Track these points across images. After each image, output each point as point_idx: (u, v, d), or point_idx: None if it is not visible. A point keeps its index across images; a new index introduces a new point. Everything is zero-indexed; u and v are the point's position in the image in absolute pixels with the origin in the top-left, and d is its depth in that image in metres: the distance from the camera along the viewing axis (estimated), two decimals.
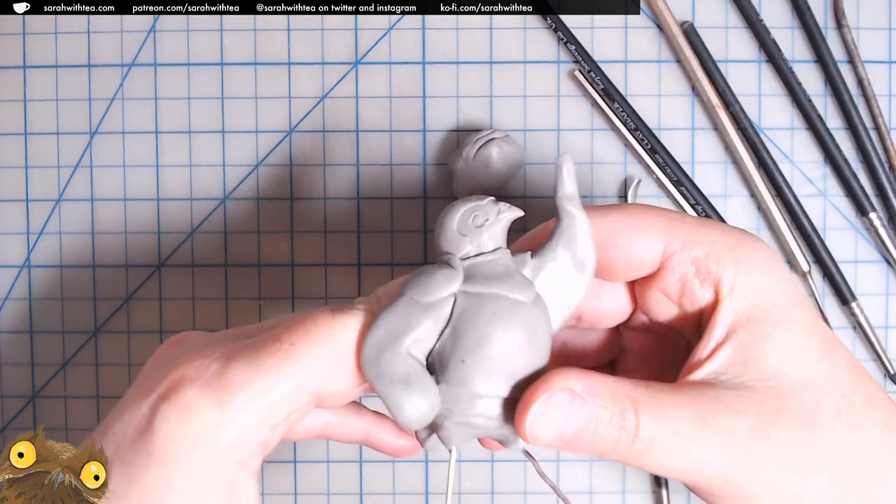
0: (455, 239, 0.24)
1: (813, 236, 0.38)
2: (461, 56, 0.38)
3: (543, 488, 0.39)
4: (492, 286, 0.23)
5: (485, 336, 0.22)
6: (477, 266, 0.23)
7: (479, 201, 0.24)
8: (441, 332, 0.23)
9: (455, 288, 0.23)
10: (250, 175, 0.38)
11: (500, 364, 0.22)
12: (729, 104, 0.37)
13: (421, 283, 0.23)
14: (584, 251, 0.24)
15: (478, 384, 0.22)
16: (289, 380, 0.22)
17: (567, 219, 0.24)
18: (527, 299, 0.23)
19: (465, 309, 0.23)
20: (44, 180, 0.39)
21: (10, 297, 0.39)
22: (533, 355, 0.23)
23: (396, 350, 0.22)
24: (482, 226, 0.24)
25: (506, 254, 0.24)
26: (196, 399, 0.21)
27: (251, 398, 0.21)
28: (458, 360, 0.22)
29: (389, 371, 0.22)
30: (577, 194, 0.24)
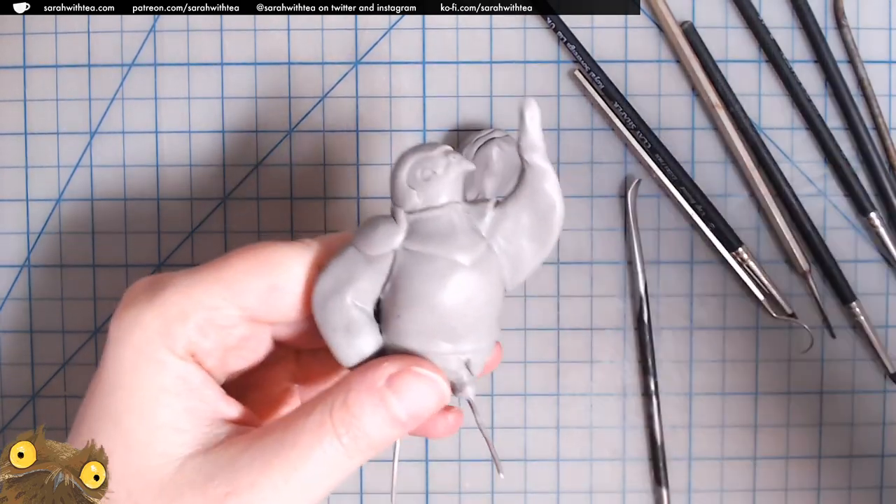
0: (403, 191, 0.23)
1: (813, 236, 0.38)
2: (461, 56, 0.38)
3: (544, 488, 0.39)
4: (431, 245, 0.23)
5: (418, 297, 0.22)
6: (421, 222, 0.23)
7: (429, 151, 0.23)
8: (384, 284, 0.23)
9: (395, 244, 0.23)
10: (250, 175, 0.38)
11: (434, 324, 0.23)
12: (729, 104, 0.37)
13: (365, 234, 0.23)
14: (548, 206, 0.23)
15: (412, 341, 0.23)
16: (213, 285, 0.23)
17: (530, 171, 0.23)
18: (468, 261, 0.23)
19: (403, 266, 0.23)
20: (44, 180, 0.39)
21: (10, 297, 0.39)
22: (472, 314, 0.23)
23: (340, 299, 0.23)
24: (430, 179, 0.23)
25: (456, 209, 0.23)
26: (136, 297, 0.24)
27: (176, 293, 0.23)
28: (396, 314, 0.23)
29: (332, 318, 0.23)
30: (542, 143, 0.23)
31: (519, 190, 0.24)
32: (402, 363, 0.23)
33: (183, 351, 0.23)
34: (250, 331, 0.25)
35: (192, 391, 0.23)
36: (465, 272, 0.23)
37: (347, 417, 0.22)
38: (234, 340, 0.25)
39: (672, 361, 0.39)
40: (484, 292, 0.23)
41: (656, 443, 0.38)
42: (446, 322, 0.23)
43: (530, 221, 0.23)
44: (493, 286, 0.23)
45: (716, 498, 0.39)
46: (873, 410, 0.39)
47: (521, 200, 0.23)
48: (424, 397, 0.23)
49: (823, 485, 0.39)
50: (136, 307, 0.23)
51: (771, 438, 0.39)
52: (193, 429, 0.23)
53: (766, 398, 0.39)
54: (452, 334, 0.23)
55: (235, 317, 0.24)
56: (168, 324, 0.23)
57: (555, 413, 0.39)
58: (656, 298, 0.39)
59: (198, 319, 0.23)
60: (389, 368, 0.23)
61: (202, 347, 0.24)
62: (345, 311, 0.23)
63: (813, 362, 0.39)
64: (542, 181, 0.23)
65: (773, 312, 0.38)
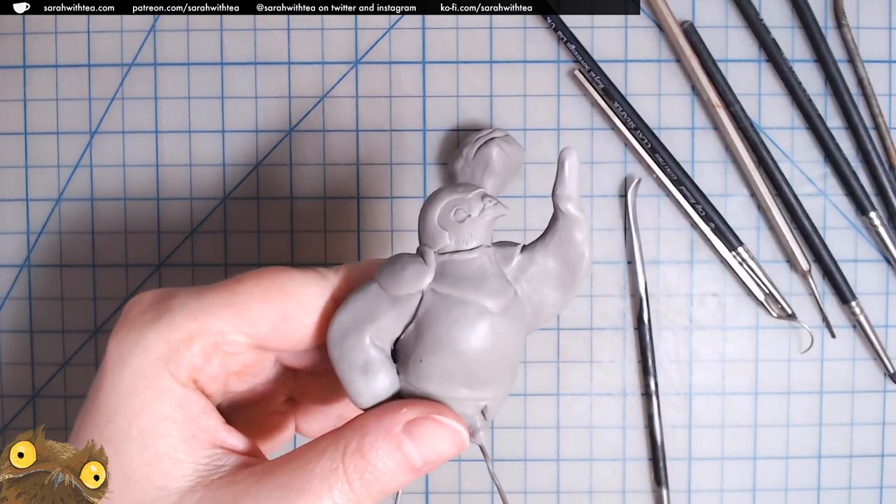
0: (434, 231, 0.23)
1: (813, 236, 0.38)
2: (461, 56, 0.38)
3: (544, 488, 0.39)
4: (461, 289, 0.22)
5: (444, 341, 0.22)
6: (452, 264, 0.22)
7: (465, 193, 0.23)
8: (406, 325, 0.22)
9: (423, 285, 0.22)
10: (250, 175, 0.38)
11: (457, 370, 0.22)
12: (729, 104, 0.37)
13: (392, 273, 0.22)
14: (577, 255, 0.23)
15: (432, 386, 0.22)
16: (222, 309, 0.22)
17: (563, 220, 0.23)
18: (497, 308, 0.22)
19: (430, 308, 0.22)
20: (44, 180, 0.39)
21: (10, 297, 0.39)
22: (496, 362, 0.22)
23: (359, 337, 0.22)
24: (464, 221, 0.22)
25: (487, 252, 0.23)
26: (138, 315, 0.23)
27: (184, 316, 0.22)
28: (417, 358, 0.22)
29: (350, 356, 0.22)
30: (578, 193, 0.23)
31: (548, 237, 0.23)
32: (421, 409, 0.22)
33: (185, 377, 0.22)
34: (256, 357, 0.24)
35: (192, 420, 0.22)
36: (495, 319, 0.22)
37: (361, 463, 0.21)
38: (238, 366, 0.24)
39: (672, 361, 0.39)
40: (510, 339, 0.22)
41: (656, 443, 0.38)
42: (470, 369, 0.22)
43: (557, 269, 0.23)
44: (519, 333, 0.23)
45: (716, 498, 0.39)
46: (873, 410, 0.39)
47: (549, 247, 0.23)
48: (442, 446, 0.22)
49: (823, 485, 0.39)
50: (139, 328, 0.22)
51: (771, 438, 0.39)
52: (192, 459, 0.22)
53: (766, 398, 0.39)
54: (474, 381, 0.22)
55: (243, 344, 0.23)
56: (172, 348, 0.22)
57: (555, 413, 0.39)
58: (656, 298, 0.39)
59: (203, 344, 0.22)
60: (408, 414, 0.22)
61: (205, 373, 0.23)
62: (363, 349, 0.22)
63: (813, 362, 0.39)
64: (574, 230, 0.23)
65: (773, 312, 0.38)
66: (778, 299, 0.38)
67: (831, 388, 0.39)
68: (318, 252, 0.38)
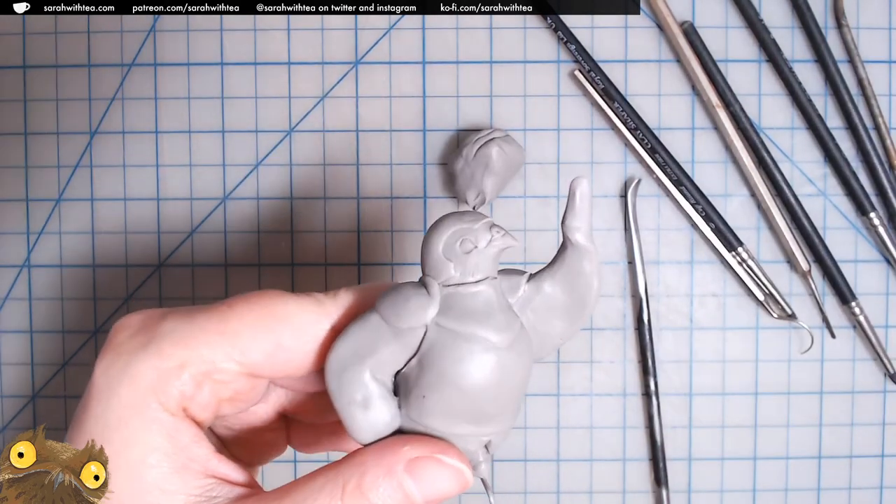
0: (438, 262, 0.22)
1: (813, 236, 0.38)
2: (461, 56, 0.38)
3: (544, 488, 0.39)
4: (467, 324, 0.21)
5: (449, 378, 0.21)
6: (457, 296, 0.21)
7: (471, 223, 0.22)
8: (409, 358, 0.21)
9: (427, 319, 0.21)
10: (250, 175, 0.38)
11: (461, 407, 0.21)
12: (729, 104, 0.37)
13: (394, 305, 0.21)
14: (586, 287, 0.22)
15: (435, 422, 0.21)
16: (214, 337, 0.22)
17: (572, 250, 0.22)
18: (504, 343, 0.21)
19: (434, 344, 0.21)
20: (44, 180, 0.39)
21: (10, 297, 0.39)
22: (501, 397, 0.21)
23: (359, 371, 0.21)
24: (470, 252, 0.21)
25: (493, 284, 0.22)
26: (126, 341, 0.22)
27: (173, 344, 0.22)
28: (420, 394, 0.21)
29: (349, 390, 0.21)
30: (589, 223, 0.22)
31: (556, 266, 0.22)
32: (423, 447, 0.21)
33: (175, 406, 0.22)
34: (249, 384, 0.23)
35: (183, 450, 0.21)
36: (502, 354, 0.21)
37: (361, 502, 0.20)
38: (230, 393, 0.23)
39: (672, 361, 0.39)
40: (516, 374, 0.22)
41: (656, 443, 0.38)
42: (475, 405, 0.21)
43: (564, 300, 0.22)
44: (526, 367, 0.22)
45: (716, 498, 0.39)
46: (873, 411, 0.39)
47: (556, 277, 0.22)
48: (445, 486, 0.21)
49: (823, 485, 0.39)
50: (127, 354, 0.22)
51: (771, 438, 0.39)
52: (184, 490, 0.21)
53: (766, 398, 0.39)
54: (479, 417, 0.21)
55: (235, 372, 0.22)
56: (161, 377, 0.21)
57: (555, 413, 0.39)
58: (656, 299, 0.39)
59: (194, 373, 0.22)
60: (410, 452, 0.21)
61: (196, 401, 0.22)
62: (363, 383, 0.21)
63: (813, 362, 0.39)
64: (583, 261, 0.22)
65: (773, 312, 0.38)
66: (778, 299, 0.38)
67: (831, 388, 0.39)
68: (317, 252, 0.38)
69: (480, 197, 0.36)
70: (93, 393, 0.21)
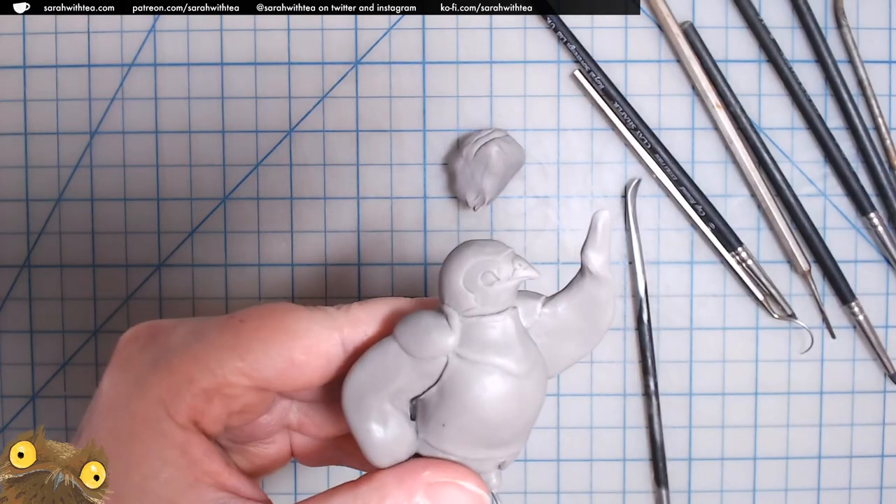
0: (459, 293, 0.22)
1: (813, 236, 0.38)
2: (461, 56, 0.38)
3: (544, 488, 0.39)
4: (487, 355, 0.21)
5: (470, 409, 0.21)
6: (477, 327, 0.22)
7: (493, 255, 0.22)
8: (428, 386, 0.22)
9: (448, 351, 0.21)
10: (250, 175, 0.38)
11: (481, 435, 0.21)
12: (729, 104, 0.37)
13: (415, 335, 0.21)
14: (601, 315, 0.23)
15: (455, 449, 0.22)
16: (225, 352, 0.22)
17: (591, 279, 0.22)
18: (523, 373, 0.21)
19: (455, 373, 0.21)
20: (44, 180, 0.39)
21: (10, 297, 0.39)
22: (518, 424, 0.22)
23: (378, 397, 0.21)
24: (492, 284, 0.21)
25: (512, 314, 0.22)
26: (135, 354, 0.22)
27: (184, 359, 0.21)
28: (440, 422, 0.21)
29: (367, 416, 0.21)
30: (608, 254, 0.22)
31: (572, 293, 0.23)
32: (443, 473, 0.21)
33: (186, 420, 0.21)
34: (259, 398, 0.23)
35: (195, 464, 0.21)
36: (521, 383, 0.21)
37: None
38: (240, 406, 0.23)
39: (672, 361, 0.39)
40: (535, 400, 0.22)
41: (656, 443, 0.38)
42: (494, 433, 0.22)
43: (578, 326, 0.23)
44: (541, 393, 0.22)
45: (716, 498, 0.39)
46: (873, 410, 0.39)
47: (572, 303, 0.22)
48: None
49: (823, 485, 0.39)
50: (136, 368, 0.22)
51: (771, 439, 0.39)
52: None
53: (766, 398, 0.39)
54: (497, 443, 0.22)
55: (245, 387, 0.22)
56: (173, 391, 0.21)
57: (555, 413, 0.39)
58: (656, 299, 0.39)
59: (205, 387, 0.22)
60: (431, 477, 0.21)
61: (207, 415, 0.22)
62: (382, 409, 0.21)
63: (813, 362, 0.39)
64: (601, 291, 0.22)
65: (773, 312, 0.38)
66: (778, 299, 0.38)
67: (831, 388, 0.39)
68: (317, 253, 0.38)
69: (480, 197, 0.36)
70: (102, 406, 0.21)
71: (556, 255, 0.38)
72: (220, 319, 0.23)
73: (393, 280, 0.38)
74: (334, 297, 0.39)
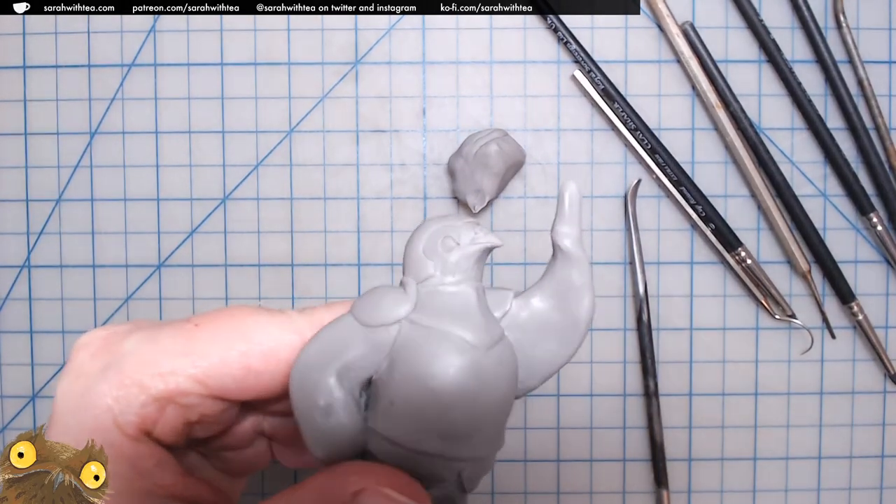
0: (418, 261, 0.20)
1: (813, 236, 0.38)
2: (461, 56, 0.38)
3: (544, 488, 0.39)
4: (442, 321, 0.19)
5: (419, 378, 0.19)
6: (435, 295, 0.20)
7: (454, 220, 0.21)
8: (380, 362, 0.20)
9: (402, 314, 0.20)
10: (250, 175, 0.38)
11: (432, 415, 0.19)
12: (729, 104, 0.37)
13: (368, 303, 0.20)
14: (576, 300, 0.20)
15: (403, 434, 0.19)
16: (178, 358, 0.21)
17: (562, 258, 0.21)
18: (481, 344, 0.19)
19: (406, 341, 0.19)
20: (44, 180, 0.39)
21: (10, 297, 0.39)
22: (477, 410, 0.19)
23: (324, 374, 0.19)
24: (451, 250, 0.20)
25: (474, 287, 0.20)
26: (86, 361, 0.21)
27: (135, 365, 0.21)
28: (388, 400, 0.19)
29: (310, 397, 0.19)
30: (579, 229, 0.21)
31: (545, 279, 0.21)
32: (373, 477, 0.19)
33: (135, 430, 0.20)
34: (218, 407, 0.22)
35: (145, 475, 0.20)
36: (478, 356, 0.19)
37: None
38: (197, 416, 0.22)
39: (672, 362, 0.39)
40: (495, 387, 0.20)
41: (656, 443, 0.38)
42: (447, 414, 0.19)
43: (555, 317, 0.21)
44: (506, 383, 0.20)
45: (716, 498, 0.39)
46: (873, 410, 0.39)
47: (545, 290, 0.21)
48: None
49: (823, 485, 0.39)
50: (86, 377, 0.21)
51: (771, 438, 0.39)
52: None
53: (766, 398, 0.39)
54: (451, 431, 0.19)
55: (200, 394, 0.21)
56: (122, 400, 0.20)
57: (555, 413, 0.39)
58: (656, 299, 0.39)
59: (155, 395, 0.20)
60: (358, 482, 0.19)
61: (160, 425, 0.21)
62: (327, 389, 0.19)
63: (813, 362, 0.39)
64: (572, 270, 0.20)
65: (773, 312, 0.38)
66: (778, 300, 0.38)
67: (831, 388, 0.39)
68: (317, 252, 0.38)
69: (480, 197, 0.36)
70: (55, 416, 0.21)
71: None
72: (175, 323, 0.22)
73: (393, 280, 0.38)
74: (334, 297, 0.39)
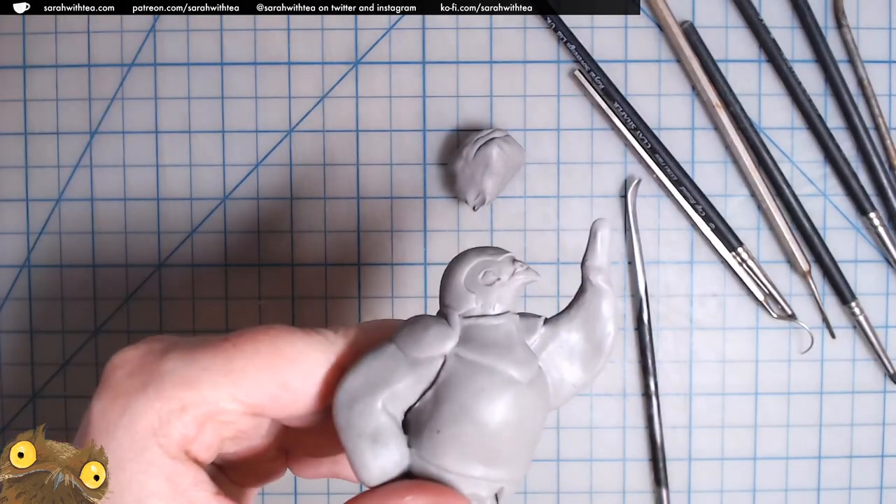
0: (460, 293, 0.21)
1: (813, 236, 0.38)
2: (461, 56, 0.38)
3: (544, 488, 0.39)
4: (488, 356, 0.20)
5: (466, 411, 0.20)
6: (477, 328, 0.21)
7: (494, 256, 0.22)
8: (424, 391, 0.21)
9: (447, 349, 0.21)
10: (250, 175, 0.38)
11: (477, 444, 0.20)
12: (729, 104, 0.37)
13: (413, 334, 0.21)
14: (603, 332, 0.22)
15: (448, 460, 0.20)
16: (218, 377, 0.21)
17: (591, 291, 0.22)
18: (523, 378, 0.21)
19: (452, 375, 0.20)
20: (44, 180, 0.39)
21: (10, 297, 0.39)
22: (518, 438, 0.21)
23: (371, 402, 0.20)
24: (492, 284, 0.21)
25: (513, 319, 0.22)
26: (123, 381, 0.21)
27: (175, 385, 0.21)
28: (434, 429, 0.20)
29: (359, 423, 0.20)
30: (609, 266, 0.22)
31: (574, 309, 0.22)
32: (427, 497, 0.20)
33: (176, 449, 0.21)
34: (252, 423, 0.23)
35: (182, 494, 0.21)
36: (522, 390, 0.20)
37: None
38: (232, 432, 0.22)
39: (672, 361, 0.39)
40: (534, 415, 0.21)
41: (656, 443, 0.38)
42: (491, 443, 0.20)
43: (581, 345, 0.22)
44: (543, 409, 0.21)
45: (716, 498, 0.39)
46: (873, 410, 0.39)
47: (574, 320, 0.22)
48: None
49: (823, 485, 0.39)
50: (126, 396, 0.21)
51: (771, 439, 0.39)
52: None
53: (766, 398, 0.39)
54: (494, 458, 0.20)
55: (239, 412, 0.22)
56: (162, 419, 0.21)
57: (555, 413, 0.39)
58: (656, 299, 0.39)
59: (196, 415, 0.21)
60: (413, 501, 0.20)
61: (198, 442, 0.21)
62: (374, 416, 0.20)
63: (813, 362, 0.39)
64: (602, 304, 0.22)
65: (773, 312, 0.38)
66: (778, 299, 0.38)
67: (831, 388, 0.39)
68: (317, 252, 0.38)
69: (480, 197, 0.36)
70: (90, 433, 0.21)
71: (556, 255, 0.38)
72: (212, 342, 0.22)
73: (393, 280, 0.38)
74: (334, 297, 0.39)
